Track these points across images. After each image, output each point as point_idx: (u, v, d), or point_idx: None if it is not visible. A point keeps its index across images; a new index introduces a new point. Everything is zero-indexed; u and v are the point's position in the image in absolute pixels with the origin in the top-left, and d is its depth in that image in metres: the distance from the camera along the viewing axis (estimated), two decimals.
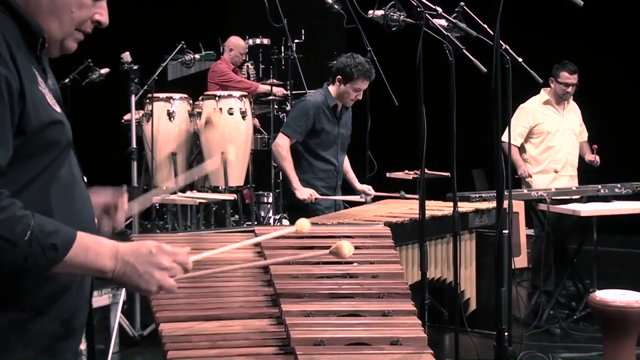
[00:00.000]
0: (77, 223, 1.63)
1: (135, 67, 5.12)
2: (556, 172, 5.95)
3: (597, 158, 6.01)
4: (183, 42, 6.53)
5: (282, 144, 4.79)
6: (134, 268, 1.60)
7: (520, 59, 3.38)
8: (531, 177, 5.96)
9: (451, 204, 3.71)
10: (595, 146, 6.06)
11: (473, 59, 3.33)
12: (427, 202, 3.85)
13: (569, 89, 5.93)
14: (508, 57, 3.28)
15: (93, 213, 1.82)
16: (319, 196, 4.77)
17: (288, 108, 7.17)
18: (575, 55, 6.24)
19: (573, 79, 5.91)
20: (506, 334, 2.60)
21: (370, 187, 5.13)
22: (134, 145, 5.13)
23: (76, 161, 1.75)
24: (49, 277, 1.60)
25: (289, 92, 7.24)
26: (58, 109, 1.65)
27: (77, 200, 1.71)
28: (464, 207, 4.62)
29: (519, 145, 6.02)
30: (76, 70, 6.09)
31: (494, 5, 2.51)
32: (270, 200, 7.17)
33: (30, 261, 1.51)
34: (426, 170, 3.62)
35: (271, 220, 6.89)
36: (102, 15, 1.71)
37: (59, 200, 1.63)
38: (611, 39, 8.06)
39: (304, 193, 4.74)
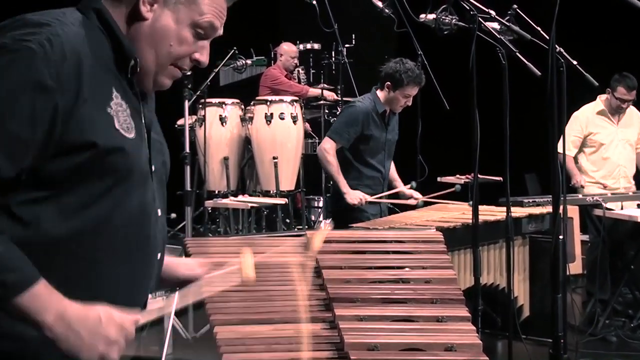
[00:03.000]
0: (128, 275, 1.57)
1: (189, 73, 5.18)
2: (605, 187, 5.81)
3: None
4: (235, 48, 6.60)
5: (327, 148, 4.77)
6: (77, 334, 1.45)
7: (575, 62, 3.33)
8: (584, 187, 5.85)
9: (504, 208, 3.66)
10: None
11: (526, 62, 3.29)
12: (480, 207, 3.80)
13: (624, 105, 5.78)
14: (562, 60, 3.23)
15: (160, 256, 1.71)
16: (370, 198, 4.71)
17: (338, 112, 7.17)
18: (634, 60, 6.11)
19: (630, 95, 5.72)
20: (562, 341, 2.55)
21: (417, 193, 5.09)
22: (187, 149, 5.19)
23: (154, 196, 1.65)
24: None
25: (339, 97, 7.25)
26: (130, 134, 1.56)
27: (142, 240, 1.61)
28: (517, 212, 4.55)
29: (573, 155, 5.90)
30: None
31: (547, 8, 2.48)
32: (321, 204, 7.18)
33: None
34: (478, 175, 3.58)
35: (322, 225, 6.89)
36: (202, 55, 1.64)
37: (115, 237, 1.54)
38: None
39: (353, 197, 4.70)
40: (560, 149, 3.70)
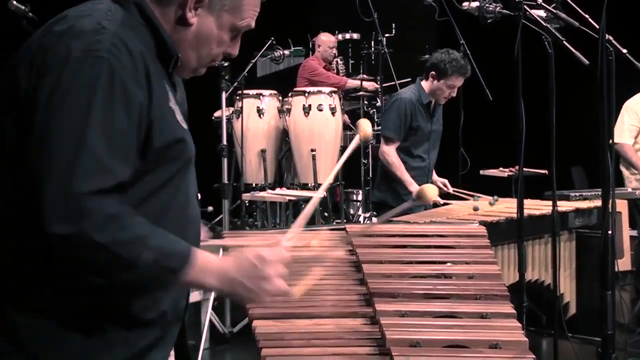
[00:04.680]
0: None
1: (226, 64, 5.21)
2: None
3: None
4: (272, 39, 6.61)
5: (387, 150, 4.80)
6: (242, 285, 1.61)
7: (624, 50, 3.27)
8: None
9: (550, 202, 3.62)
10: None
11: (574, 51, 3.24)
12: (525, 201, 3.77)
13: None
14: (612, 49, 3.18)
15: (200, 233, 1.83)
16: (437, 199, 4.72)
17: (378, 104, 7.16)
18: None
19: None
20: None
21: (446, 181, 5.06)
22: (224, 142, 5.22)
23: (194, 179, 1.76)
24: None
25: (379, 88, 7.22)
26: (184, 125, 1.68)
27: (190, 219, 1.73)
28: (564, 206, 4.51)
29: (631, 144, 5.79)
30: None
31: None
32: (360, 197, 7.17)
33: (147, 281, 1.55)
34: (523, 168, 3.54)
35: (361, 219, 6.89)
36: (234, 49, 1.75)
37: (173, 218, 1.65)
38: None
39: None
40: (617, 139, 3.64)
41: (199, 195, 1.81)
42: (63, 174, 1.43)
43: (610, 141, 3.26)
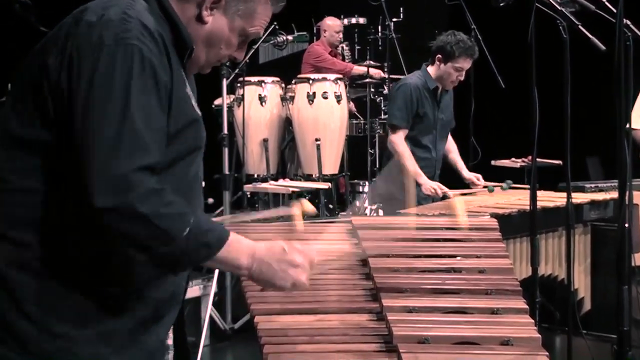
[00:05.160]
0: None
1: None
2: None
3: None
4: (275, 24, 6.59)
5: (395, 140, 4.80)
6: (269, 266, 1.77)
7: None
8: None
9: (564, 194, 3.61)
10: None
11: (590, 36, 3.23)
12: (538, 193, 3.76)
13: None
14: (629, 34, 3.16)
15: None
16: (446, 190, 4.72)
17: (385, 91, 7.14)
18: None
19: None
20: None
21: (479, 176, 5.03)
22: (225, 131, 5.21)
23: (202, 168, 1.89)
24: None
25: (386, 75, 7.20)
26: (199, 111, 1.82)
27: (196, 201, 1.85)
28: (578, 198, 4.50)
29: None
30: None
31: None
32: (366, 189, 7.17)
33: (184, 256, 1.66)
34: (537, 158, 3.54)
35: (367, 211, 6.89)
36: (240, 54, 1.89)
37: (184, 198, 1.74)
38: None
39: (428, 187, 4.71)
40: (635, 125, 3.62)
41: (202, 183, 1.91)
42: (108, 151, 1.59)
43: (628, 126, 3.25)
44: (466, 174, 5.04)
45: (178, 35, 1.77)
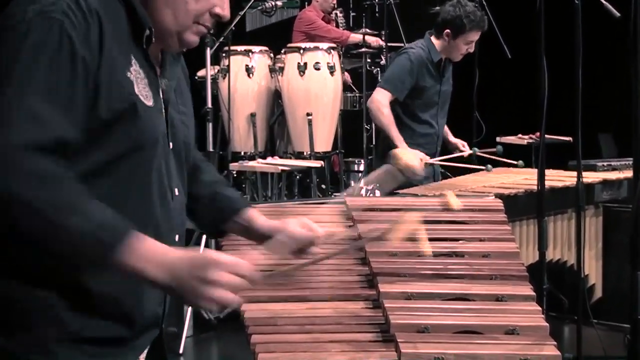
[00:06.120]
0: None
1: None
2: None
3: None
4: None
5: (380, 99, 4.77)
6: (186, 283, 1.60)
7: None
8: None
9: (574, 173, 3.64)
10: None
11: (603, 1, 3.24)
12: (546, 172, 3.78)
13: None
14: None
15: (181, 239, 1.86)
16: (429, 159, 4.72)
17: (383, 62, 7.13)
18: None
19: None
20: None
21: (465, 143, 5.07)
22: (209, 105, 5.21)
23: (171, 173, 1.80)
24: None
25: (384, 43, 7.19)
26: (148, 102, 1.71)
27: (157, 220, 1.75)
28: (590, 177, 4.52)
29: None
30: None
31: None
32: (362, 168, 7.18)
33: (78, 257, 1.56)
34: (545, 134, 3.55)
35: (362, 192, 6.90)
36: (223, 9, 1.77)
37: (134, 209, 1.68)
38: None
39: None
40: None
41: (176, 190, 1.82)
42: None
43: None
44: (451, 138, 5.11)
45: (134, 17, 1.71)
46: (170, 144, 1.80)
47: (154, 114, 1.72)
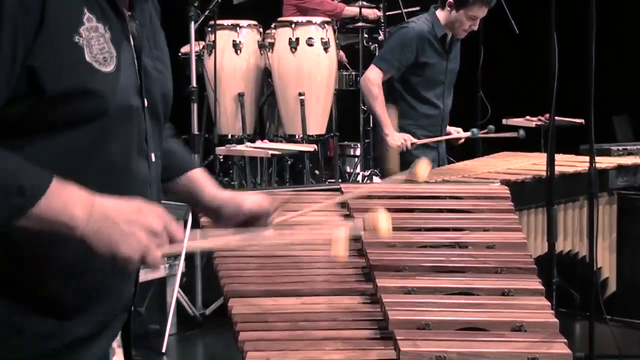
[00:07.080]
0: None
1: None
2: None
3: None
4: None
5: (373, 78, 4.78)
6: (114, 225, 1.51)
7: None
8: None
9: (586, 158, 3.64)
10: None
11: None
12: (556, 156, 3.80)
13: None
14: None
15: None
16: (415, 140, 4.74)
17: (381, 37, 7.12)
18: None
19: None
20: None
21: (460, 130, 5.08)
22: (194, 84, 5.20)
23: (146, 138, 1.71)
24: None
25: (382, 18, 7.18)
26: (107, 67, 1.61)
27: (128, 189, 1.65)
28: (603, 162, 4.54)
29: None
30: None
31: None
32: (358, 152, 7.19)
33: None
34: (555, 117, 3.56)
35: (359, 177, 6.92)
36: None
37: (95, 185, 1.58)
38: None
39: (396, 139, 4.73)
40: None
41: (153, 156, 1.74)
42: None
43: None
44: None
45: None
46: (145, 100, 1.71)
47: (113, 78, 1.61)
